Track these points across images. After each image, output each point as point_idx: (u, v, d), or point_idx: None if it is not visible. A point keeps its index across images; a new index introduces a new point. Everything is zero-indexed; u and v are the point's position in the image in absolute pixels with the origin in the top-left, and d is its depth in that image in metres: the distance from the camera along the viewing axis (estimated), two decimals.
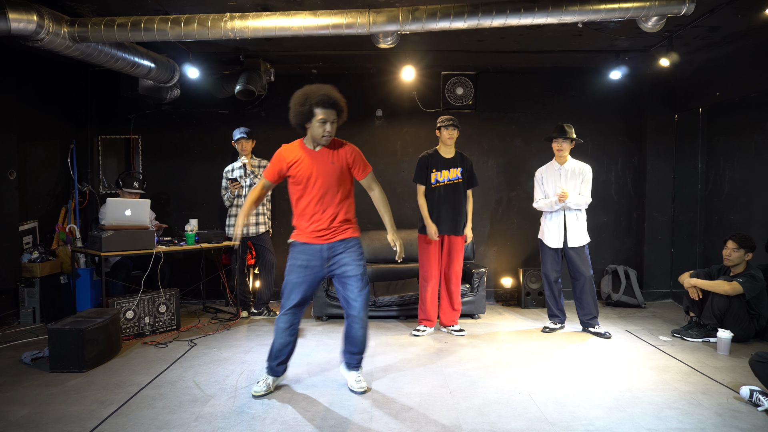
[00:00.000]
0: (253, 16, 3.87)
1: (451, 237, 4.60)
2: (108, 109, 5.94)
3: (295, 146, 3.22)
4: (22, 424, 2.88)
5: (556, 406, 3.12)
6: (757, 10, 4.07)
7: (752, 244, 4.32)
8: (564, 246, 4.60)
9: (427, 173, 4.59)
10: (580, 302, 4.66)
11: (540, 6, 3.65)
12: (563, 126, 4.62)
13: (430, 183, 4.58)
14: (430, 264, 4.58)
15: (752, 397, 3.10)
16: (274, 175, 3.23)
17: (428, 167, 4.60)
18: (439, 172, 4.58)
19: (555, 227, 4.62)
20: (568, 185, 4.59)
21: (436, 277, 4.61)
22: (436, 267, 4.59)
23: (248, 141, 5.14)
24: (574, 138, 4.61)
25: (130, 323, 4.40)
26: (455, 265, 4.64)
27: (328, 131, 3.08)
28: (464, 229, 4.66)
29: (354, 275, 3.21)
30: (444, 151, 4.63)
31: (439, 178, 4.58)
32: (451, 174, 4.59)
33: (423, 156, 4.66)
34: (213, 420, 2.92)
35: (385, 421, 2.91)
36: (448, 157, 4.62)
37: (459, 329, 4.66)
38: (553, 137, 4.64)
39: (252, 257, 5.52)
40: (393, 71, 5.79)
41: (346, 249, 3.23)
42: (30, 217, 5.18)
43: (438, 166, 4.59)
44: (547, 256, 4.70)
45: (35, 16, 3.60)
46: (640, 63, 5.59)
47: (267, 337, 4.51)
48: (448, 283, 4.67)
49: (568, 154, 4.65)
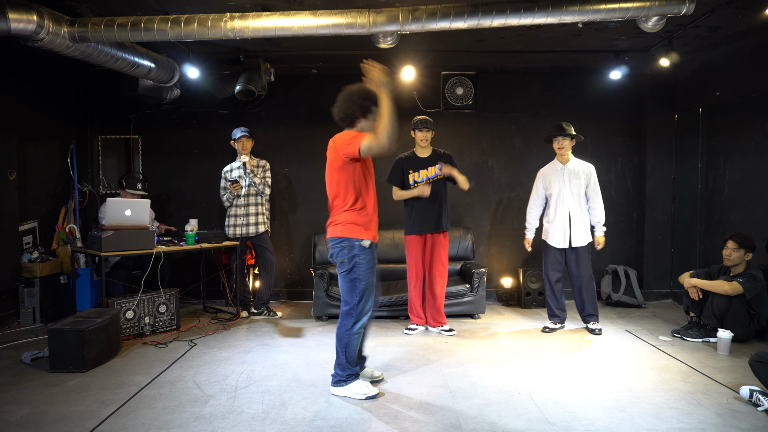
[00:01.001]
0: (253, 16, 3.87)
1: (434, 236, 4.61)
2: (108, 109, 5.94)
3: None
4: (22, 424, 2.88)
5: (556, 406, 3.12)
6: (757, 10, 4.07)
7: (752, 244, 4.32)
8: (568, 246, 4.61)
9: (403, 175, 4.62)
10: (581, 301, 4.66)
11: (540, 6, 3.65)
12: (561, 124, 4.63)
13: (409, 184, 4.60)
14: (414, 263, 4.62)
15: (752, 397, 3.10)
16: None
17: (403, 170, 4.63)
18: (416, 172, 4.60)
19: (560, 227, 4.61)
20: (571, 185, 4.59)
21: (419, 277, 4.64)
22: (419, 266, 4.63)
23: (249, 140, 5.14)
24: (574, 135, 4.61)
25: (130, 323, 4.40)
26: (438, 264, 4.62)
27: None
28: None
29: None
30: (420, 152, 4.66)
31: (416, 178, 4.60)
32: (429, 173, 4.60)
33: (399, 158, 4.70)
34: (213, 420, 2.92)
35: (386, 421, 2.91)
36: (424, 157, 4.63)
37: (448, 329, 4.66)
38: (553, 136, 4.65)
39: (252, 257, 5.52)
40: (393, 71, 5.79)
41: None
42: (30, 217, 5.18)
43: (414, 166, 4.61)
44: (550, 256, 4.70)
45: (35, 16, 3.59)
46: (640, 63, 5.59)
47: (267, 337, 4.52)
48: (431, 285, 4.66)
49: (569, 152, 4.65)
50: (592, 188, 4.62)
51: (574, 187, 4.59)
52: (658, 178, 5.94)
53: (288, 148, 6.00)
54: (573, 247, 4.60)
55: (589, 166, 4.67)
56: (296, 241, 6.07)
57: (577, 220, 4.59)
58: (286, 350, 4.16)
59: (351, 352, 3.22)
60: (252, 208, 5.12)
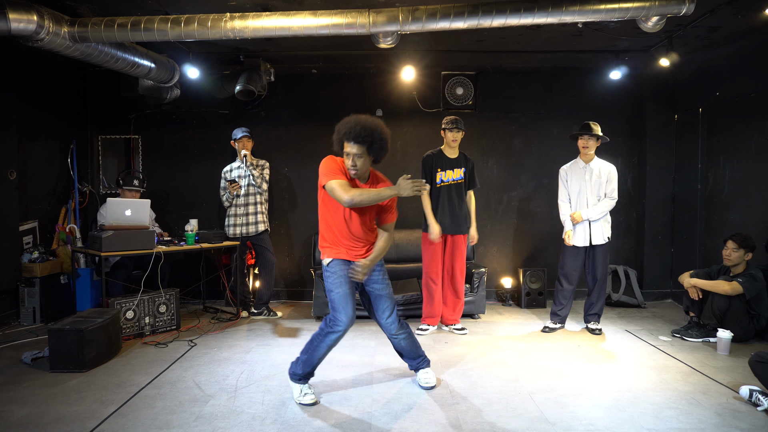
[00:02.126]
0: (253, 16, 3.87)
1: (454, 236, 4.62)
2: (108, 109, 5.94)
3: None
4: (22, 424, 2.88)
5: (556, 406, 3.12)
6: (757, 10, 4.07)
7: (752, 244, 4.32)
8: (588, 244, 4.59)
9: (432, 173, 4.61)
10: (592, 299, 4.67)
11: (540, 6, 3.65)
12: (589, 123, 4.59)
13: (435, 183, 4.60)
14: (435, 263, 4.60)
15: (752, 396, 3.11)
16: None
17: (433, 167, 4.62)
18: (443, 171, 4.61)
19: (580, 225, 4.58)
20: (592, 183, 4.58)
21: (441, 276, 4.64)
22: (440, 266, 4.62)
23: (250, 140, 5.15)
24: (600, 136, 4.59)
25: (130, 323, 4.40)
26: (459, 263, 4.65)
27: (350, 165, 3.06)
28: (468, 229, 4.70)
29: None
30: (448, 152, 4.66)
31: (444, 177, 4.60)
32: (455, 174, 4.62)
33: (428, 155, 4.68)
34: (213, 420, 2.92)
35: (385, 421, 2.91)
36: (452, 158, 4.65)
37: (461, 328, 4.67)
38: (579, 134, 4.62)
39: (252, 257, 5.52)
40: (393, 71, 5.79)
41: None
42: (30, 217, 5.18)
43: (443, 165, 4.62)
44: (570, 256, 4.65)
45: (35, 16, 3.60)
46: (640, 63, 5.59)
47: (267, 337, 4.52)
48: (453, 282, 4.68)
49: (593, 152, 4.63)
50: (610, 187, 4.60)
51: (595, 186, 4.57)
52: (658, 178, 5.95)
53: (288, 148, 6.00)
54: (592, 245, 4.59)
55: (611, 166, 4.65)
56: (296, 241, 6.07)
57: (597, 219, 4.58)
58: (286, 350, 4.16)
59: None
60: (251, 207, 5.12)
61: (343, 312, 3.08)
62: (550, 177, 5.88)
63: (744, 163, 5.00)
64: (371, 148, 3.02)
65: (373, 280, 3.26)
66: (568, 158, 4.85)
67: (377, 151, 3.05)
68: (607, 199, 4.58)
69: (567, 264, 4.67)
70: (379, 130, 3.00)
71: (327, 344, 3.14)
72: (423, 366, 3.49)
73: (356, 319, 5.01)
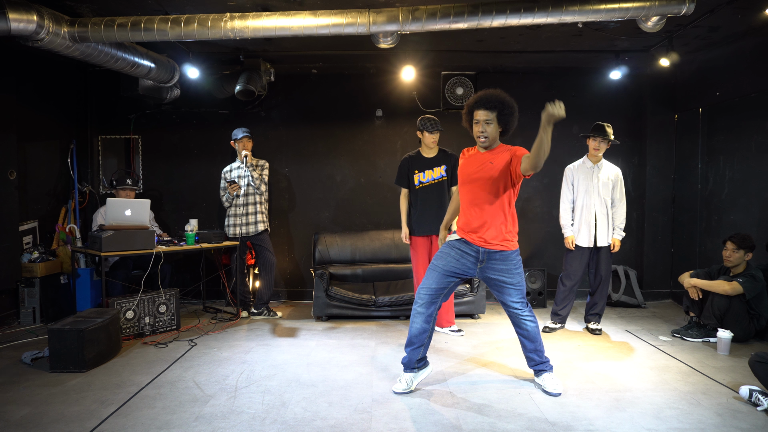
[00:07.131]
0: (253, 16, 3.87)
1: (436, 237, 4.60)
2: (108, 109, 5.94)
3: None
4: (22, 424, 2.88)
5: (556, 406, 3.12)
6: (757, 10, 4.07)
7: (752, 245, 4.32)
8: (593, 245, 4.58)
9: (409, 175, 4.60)
10: (595, 299, 4.67)
11: (540, 6, 3.65)
12: (603, 126, 4.54)
13: (414, 185, 4.58)
14: (422, 266, 4.57)
15: (752, 396, 3.11)
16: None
17: (409, 170, 4.60)
18: (421, 173, 4.57)
19: (585, 226, 4.57)
20: (599, 184, 4.57)
21: None
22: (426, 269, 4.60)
23: (250, 140, 5.15)
24: (612, 139, 4.59)
25: (130, 323, 4.40)
26: None
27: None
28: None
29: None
30: (426, 152, 4.63)
31: (421, 179, 4.57)
32: (435, 173, 4.58)
33: (404, 158, 4.67)
34: (213, 420, 2.92)
35: (385, 421, 2.91)
36: (429, 157, 4.61)
37: (457, 329, 4.66)
38: (591, 136, 4.59)
39: (252, 257, 5.53)
40: (393, 71, 5.79)
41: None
42: (30, 217, 5.18)
43: (420, 166, 4.58)
44: (575, 257, 4.63)
45: (35, 16, 3.60)
46: (640, 63, 5.59)
47: (267, 337, 4.52)
48: None
49: (602, 153, 4.62)
50: (618, 191, 4.61)
51: (601, 187, 4.57)
52: (658, 178, 5.95)
53: (288, 148, 6.00)
54: (598, 247, 4.59)
55: (617, 169, 4.65)
56: (296, 241, 6.07)
57: (602, 220, 4.56)
58: (286, 350, 4.16)
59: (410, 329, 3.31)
60: (251, 207, 5.12)
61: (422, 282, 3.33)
62: (550, 177, 5.88)
63: (744, 163, 5.00)
64: (501, 115, 3.12)
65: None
66: (568, 158, 4.85)
67: (507, 119, 3.14)
68: (619, 201, 4.60)
69: (571, 265, 4.66)
70: (509, 98, 3.14)
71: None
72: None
73: (356, 319, 5.10)
